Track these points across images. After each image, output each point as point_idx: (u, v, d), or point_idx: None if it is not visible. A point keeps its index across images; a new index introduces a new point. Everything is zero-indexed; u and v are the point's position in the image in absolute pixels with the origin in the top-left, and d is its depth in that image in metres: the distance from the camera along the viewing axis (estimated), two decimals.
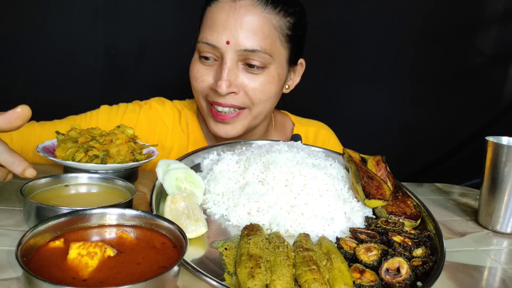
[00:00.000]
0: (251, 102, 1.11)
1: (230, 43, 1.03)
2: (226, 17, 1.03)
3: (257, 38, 1.04)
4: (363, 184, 0.89)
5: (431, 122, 2.36)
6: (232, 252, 0.70)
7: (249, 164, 0.90)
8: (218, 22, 1.04)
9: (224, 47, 1.04)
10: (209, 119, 1.16)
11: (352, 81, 2.23)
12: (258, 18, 1.04)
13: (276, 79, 1.12)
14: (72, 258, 0.55)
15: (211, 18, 1.06)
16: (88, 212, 0.64)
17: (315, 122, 1.45)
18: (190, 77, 1.14)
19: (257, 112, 1.14)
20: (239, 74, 1.07)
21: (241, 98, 1.09)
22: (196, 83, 1.12)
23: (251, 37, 1.04)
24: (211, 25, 1.05)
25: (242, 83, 1.08)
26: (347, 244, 0.75)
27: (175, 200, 0.76)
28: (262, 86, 1.10)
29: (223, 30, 1.03)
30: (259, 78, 1.09)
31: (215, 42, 1.04)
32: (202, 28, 1.10)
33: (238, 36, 1.03)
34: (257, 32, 1.04)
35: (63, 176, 0.82)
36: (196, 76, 1.12)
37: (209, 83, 1.10)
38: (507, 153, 0.94)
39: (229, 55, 1.04)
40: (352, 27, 2.15)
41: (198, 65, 1.11)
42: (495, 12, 2.34)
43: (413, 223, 0.87)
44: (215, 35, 1.04)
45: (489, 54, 2.39)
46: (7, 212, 0.78)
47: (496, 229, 0.98)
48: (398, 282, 0.65)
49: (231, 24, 1.03)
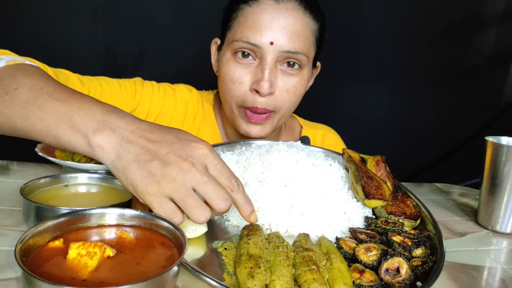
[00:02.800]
0: (281, 103, 1.12)
1: (274, 43, 1.03)
2: (271, 19, 1.04)
3: (298, 40, 1.06)
4: (362, 184, 0.89)
5: (431, 122, 2.36)
6: (232, 252, 0.70)
7: (248, 164, 0.90)
8: (261, 22, 1.04)
9: (267, 47, 1.04)
10: (241, 121, 1.14)
11: (351, 81, 2.23)
12: (301, 22, 1.06)
13: (306, 82, 1.15)
14: (71, 258, 0.55)
15: (253, 18, 1.05)
16: (88, 212, 0.64)
17: (322, 126, 1.46)
18: (225, 79, 1.10)
19: (283, 113, 1.15)
20: (277, 75, 1.08)
21: (274, 100, 1.10)
22: (234, 85, 1.09)
23: (294, 40, 1.05)
24: (253, 25, 1.05)
25: (278, 85, 1.09)
26: (347, 244, 0.75)
27: None
28: (295, 88, 1.11)
29: (267, 30, 1.03)
30: (294, 80, 1.10)
31: (258, 42, 1.04)
32: (240, 28, 1.07)
33: (282, 38, 1.04)
34: (299, 35, 1.06)
35: (62, 176, 0.82)
36: (233, 78, 1.08)
37: (247, 84, 1.08)
38: (506, 153, 0.94)
39: (270, 56, 1.05)
40: (352, 27, 2.15)
41: (234, 66, 1.09)
42: (495, 12, 2.34)
43: (412, 223, 0.87)
44: (258, 35, 1.04)
45: (489, 54, 2.39)
46: (7, 212, 0.78)
47: (495, 229, 0.98)
48: (397, 282, 0.65)
49: (275, 26, 1.03)
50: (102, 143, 0.65)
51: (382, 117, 2.32)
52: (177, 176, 0.62)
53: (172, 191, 0.63)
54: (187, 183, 0.63)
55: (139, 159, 0.63)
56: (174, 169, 0.62)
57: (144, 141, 0.65)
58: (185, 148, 0.65)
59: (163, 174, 0.62)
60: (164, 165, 0.63)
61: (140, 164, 0.63)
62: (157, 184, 0.62)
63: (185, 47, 1.96)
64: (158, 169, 0.62)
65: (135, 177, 0.63)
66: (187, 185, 0.63)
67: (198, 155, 0.65)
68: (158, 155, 0.63)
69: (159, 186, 0.62)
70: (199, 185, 0.64)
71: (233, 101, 1.12)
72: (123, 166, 0.64)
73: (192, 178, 0.63)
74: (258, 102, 1.08)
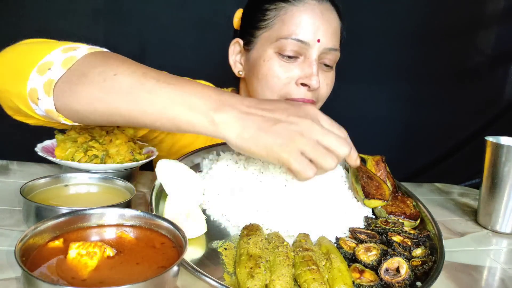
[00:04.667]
0: (321, 98, 1.16)
1: (321, 41, 1.08)
2: (318, 18, 1.09)
3: (335, 38, 1.12)
4: (362, 184, 0.89)
5: (431, 122, 2.36)
6: (232, 252, 0.70)
7: (248, 164, 0.90)
8: (309, 21, 1.08)
9: (315, 44, 1.08)
10: None
11: (351, 81, 2.22)
12: (336, 22, 1.13)
13: (334, 78, 1.20)
14: (71, 258, 0.55)
15: (299, 16, 1.09)
16: (88, 212, 0.64)
17: None
18: (268, 75, 1.11)
19: (319, 106, 1.18)
20: (319, 71, 1.12)
21: (317, 92, 1.14)
22: (279, 80, 1.10)
23: (333, 38, 1.11)
24: (301, 23, 1.09)
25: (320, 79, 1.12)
26: (347, 244, 0.75)
27: (176, 199, 0.76)
28: (331, 82, 1.16)
29: (315, 29, 1.08)
30: (329, 76, 1.15)
31: (307, 39, 1.08)
32: (286, 26, 1.10)
33: (325, 35, 1.09)
34: (335, 33, 1.12)
35: (62, 176, 0.82)
36: (279, 75, 1.10)
37: (293, 80, 1.10)
38: (506, 153, 0.94)
39: (316, 52, 1.09)
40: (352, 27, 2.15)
41: (279, 63, 1.10)
42: (495, 12, 2.34)
43: (412, 223, 0.87)
44: (308, 33, 1.08)
45: (489, 54, 2.39)
46: (7, 212, 0.78)
47: (495, 229, 0.98)
48: (397, 282, 0.65)
49: (322, 25, 1.09)
50: (226, 119, 0.71)
51: (382, 117, 2.32)
52: (304, 132, 0.69)
53: (303, 145, 0.69)
54: (313, 136, 0.70)
55: (264, 126, 0.70)
56: (299, 126, 0.70)
57: (262, 112, 0.72)
58: (299, 110, 0.73)
59: (291, 133, 0.69)
60: (289, 125, 0.70)
61: (267, 130, 0.69)
62: (290, 141, 0.68)
63: (186, 47, 1.96)
64: (286, 130, 0.69)
65: (267, 141, 0.69)
66: (313, 138, 0.70)
67: (312, 113, 0.73)
68: (280, 119, 0.70)
69: (292, 143, 0.68)
70: (322, 136, 0.70)
71: (274, 96, 1.13)
72: (251, 135, 0.70)
73: (315, 132, 0.70)
74: (307, 95, 1.11)
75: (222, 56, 1.27)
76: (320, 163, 0.69)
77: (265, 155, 0.70)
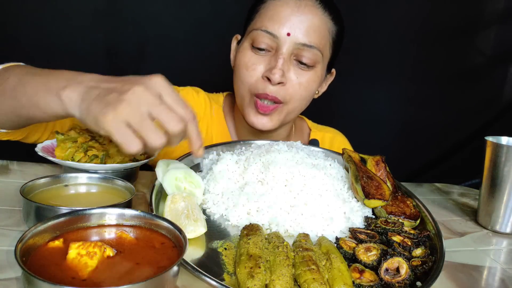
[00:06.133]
0: (291, 96, 1.13)
1: (291, 35, 1.07)
2: (291, 11, 1.08)
3: (315, 35, 1.09)
4: (362, 184, 0.89)
5: (431, 122, 2.36)
6: (232, 252, 0.70)
7: (248, 164, 0.90)
8: (281, 14, 1.08)
9: (284, 37, 1.07)
10: (249, 110, 1.16)
11: (351, 81, 2.22)
12: (319, 18, 1.10)
13: (318, 80, 1.16)
14: (71, 258, 0.55)
15: (274, 10, 1.10)
16: (88, 212, 0.64)
17: (330, 129, 1.47)
18: (239, 65, 1.14)
19: (292, 108, 1.16)
20: (290, 67, 1.11)
21: (284, 90, 1.11)
22: (247, 71, 1.12)
23: (311, 34, 1.09)
24: (273, 16, 1.09)
25: (290, 77, 1.11)
26: (347, 244, 0.75)
27: (175, 200, 0.76)
28: (307, 83, 1.13)
29: (285, 22, 1.07)
30: (306, 75, 1.12)
31: (276, 32, 1.07)
32: (260, 18, 1.12)
33: (299, 31, 1.07)
34: (316, 30, 1.09)
35: (62, 176, 0.82)
36: (247, 65, 1.12)
37: (260, 72, 1.11)
38: (506, 153, 0.94)
39: (286, 46, 1.08)
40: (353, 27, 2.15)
41: (249, 54, 1.12)
42: (495, 12, 2.34)
43: (412, 223, 0.87)
44: (277, 25, 1.08)
45: (489, 54, 2.39)
46: (7, 212, 0.78)
47: (495, 229, 0.99)
48: (397, 282, 0.65)
49: (295, 18, 1.07)
50: (70, 94, 0.70)
51: (382, 117, 2.32)
52: (132, 100, 0.64)
53: (128, 115, 0.64)
54: (142, 106, 0.64)
55: (100, 96, 0.67)
56: (128, 95, 0.64)
57: (106, 84, 0.69)
58: (140, 78, 0.68)
59: (118, 100, 0.64)
60: (120, 94, 0.65)
61: (100, 99, 0.66)
62: (114, 110, 0.63)
63: (186, 47, 1.95)
64: (115, 98, 0.65)
65: (95, 111, 0.65)
66: (142, 109, 0.64)
67: (152, 83, 0.67)
68: (116, 88, 0.67)
69: (115, 112, 0.63)
70: (153, 107, 0.65)
71: (245, 88, 1.14)
72: (86, 105, 0.67)
73: (146, 101, 0.65)
74: (268, 89, 1.09)
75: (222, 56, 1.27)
76: (144, 138, 0.64)
77: (95, 125, 0.66)
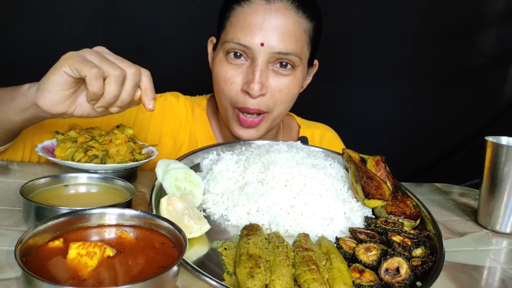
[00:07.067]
0: (274, 104, 1.11)
1: (265, 44, 1.03)
2: (262, 19, 1.03)
3: (290, 41, 1.05)
4: (362, 184, 0.89)
5: (431, 122, 2.36)
6: (232, 252, 0.70)
7: (248, 164, 0.90)
8: (252, 23, 1.03)
9: (258, 48, 1.03)
10: (234, 124, 1.14)
11: (352, 81, 2.23)
12: (292, 22, 1.05)
13: (300, 81, 1.14)
14: (71, 258, 0.55)
15: (244, 18, 1.05)
16: (88, 212, 0.64)
17: (320, 125, 1.45)
18: (217, 79, 1.11)
19: (277, 114, 1.14)
20: (269, 76, 1.07)
21: (266, 100, 1.09)
22: (226, 85, 1.09)
23: (285, 40, 1.04)
24: (244, 26, 1.04)
25: (270, 85, 1.08)
26: (347, 244, 0.75)
27: (171, 201, 0.75)
28: (288, 88, 1.10)
29: (257, 31, 1.03)
30: (286, 80, 1.09)
31: (248, 44, 1.03)
32: (232, 29, 1.07)
33: (273, 39, 1.03)
34: (290, 35, 1.05)
35: (62, 176, 0.82)
36: (225, 78, 1.08)
37: (239, 85, 1.08)
38: (506, 153, 0.94)
39: (261, 57, 1.04)
40: (352, 27, 2.15)
41: (226, 66, 1.08)
42: (495, 12, 2.34)
43: (412, 223, 0.87)
44: (249, 36, 1.03)
45: (489, 54, 2.39)
46: (7, 212, 0.78)
47: (495, 229, 0.98)
48: (397, 282, 0.65)
49: (266, 26, 1.03)
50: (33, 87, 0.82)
51: (382, 117, 2.32)
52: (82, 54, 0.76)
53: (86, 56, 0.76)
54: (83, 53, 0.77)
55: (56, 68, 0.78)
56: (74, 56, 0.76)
57: None
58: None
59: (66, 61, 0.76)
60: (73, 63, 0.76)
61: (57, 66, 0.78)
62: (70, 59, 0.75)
63: (183, 48, 1.96)
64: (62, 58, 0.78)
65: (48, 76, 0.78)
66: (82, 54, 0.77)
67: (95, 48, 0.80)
68: None
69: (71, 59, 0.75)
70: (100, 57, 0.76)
71: (226, 101, 1.12)
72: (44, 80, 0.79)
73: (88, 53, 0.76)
74: (249, 103, 1.07)
75: None
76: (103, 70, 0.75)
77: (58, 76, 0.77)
